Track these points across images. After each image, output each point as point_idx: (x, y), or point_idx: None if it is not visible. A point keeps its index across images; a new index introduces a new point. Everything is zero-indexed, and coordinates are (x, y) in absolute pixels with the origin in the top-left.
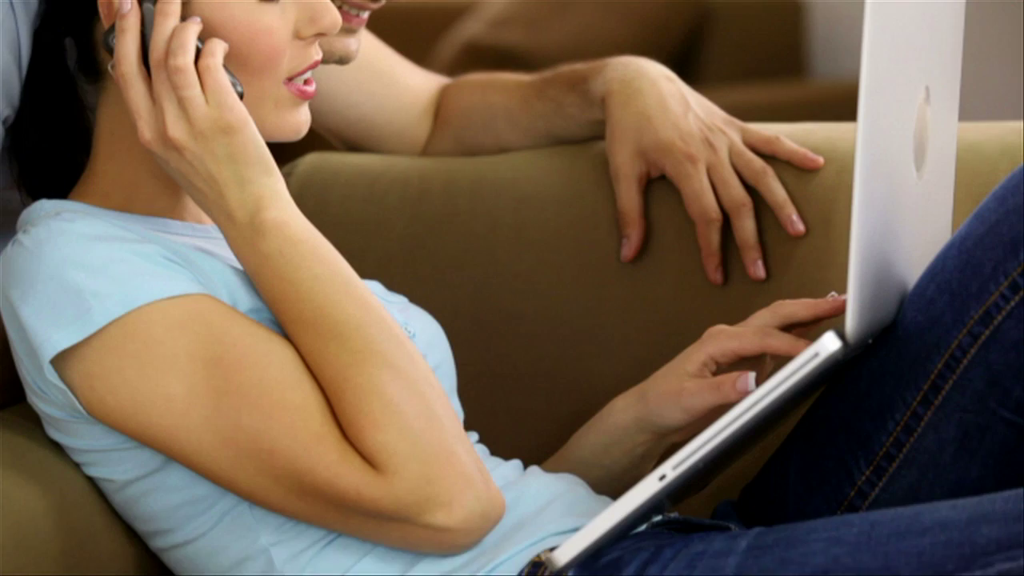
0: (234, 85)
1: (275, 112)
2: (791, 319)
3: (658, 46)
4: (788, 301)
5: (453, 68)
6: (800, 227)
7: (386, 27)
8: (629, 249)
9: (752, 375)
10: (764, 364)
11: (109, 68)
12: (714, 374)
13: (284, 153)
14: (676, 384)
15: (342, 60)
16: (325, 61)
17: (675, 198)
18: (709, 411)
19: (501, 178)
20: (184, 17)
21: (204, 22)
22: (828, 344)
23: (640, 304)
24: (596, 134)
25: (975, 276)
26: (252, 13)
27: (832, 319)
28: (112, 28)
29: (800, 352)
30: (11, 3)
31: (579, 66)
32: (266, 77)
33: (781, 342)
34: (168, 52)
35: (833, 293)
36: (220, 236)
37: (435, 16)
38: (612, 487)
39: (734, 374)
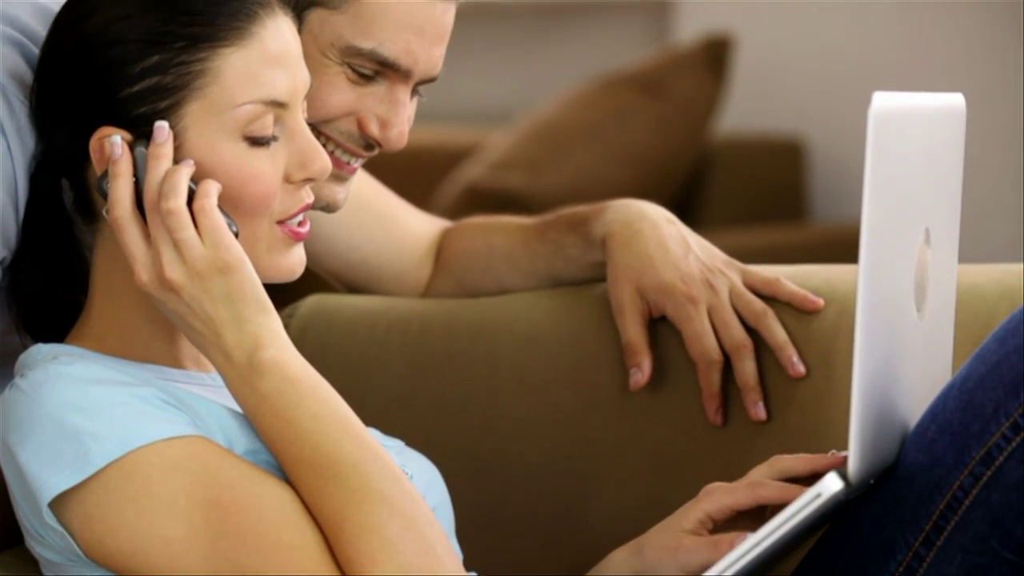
0: (229, 225)
1: (268, 255)
2: (787, 473)
3: (659, 189)
4: (785, 456)
5: (454, 211)
6: (801, 369)
7: (387, 170)
8: (642, 377)
9: (750, 534)
10: (763, 518)
11: (103, 212)
12: (711, 532)
13: (285, 295)
14: (674, 540)
15: (328, 208)
16: (312, 206)
17: (675, 339)
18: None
19: (502, 319)
20: (176, 160)
21: (196, 165)
22: (830, 485)
23: (641, 446)
24: (597, 276)
25: (976, 417)
26: (242, 157)
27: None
28: (105, 173)
29: (794, 498)
30: (8, 145)
31: (580, 208)
32: (257, 220)
33: (772, 491)
34: (161, 195)
35: (833, 451)
36: (217, 383)
37: (436, 159)
38: None
39: (732, 533)
